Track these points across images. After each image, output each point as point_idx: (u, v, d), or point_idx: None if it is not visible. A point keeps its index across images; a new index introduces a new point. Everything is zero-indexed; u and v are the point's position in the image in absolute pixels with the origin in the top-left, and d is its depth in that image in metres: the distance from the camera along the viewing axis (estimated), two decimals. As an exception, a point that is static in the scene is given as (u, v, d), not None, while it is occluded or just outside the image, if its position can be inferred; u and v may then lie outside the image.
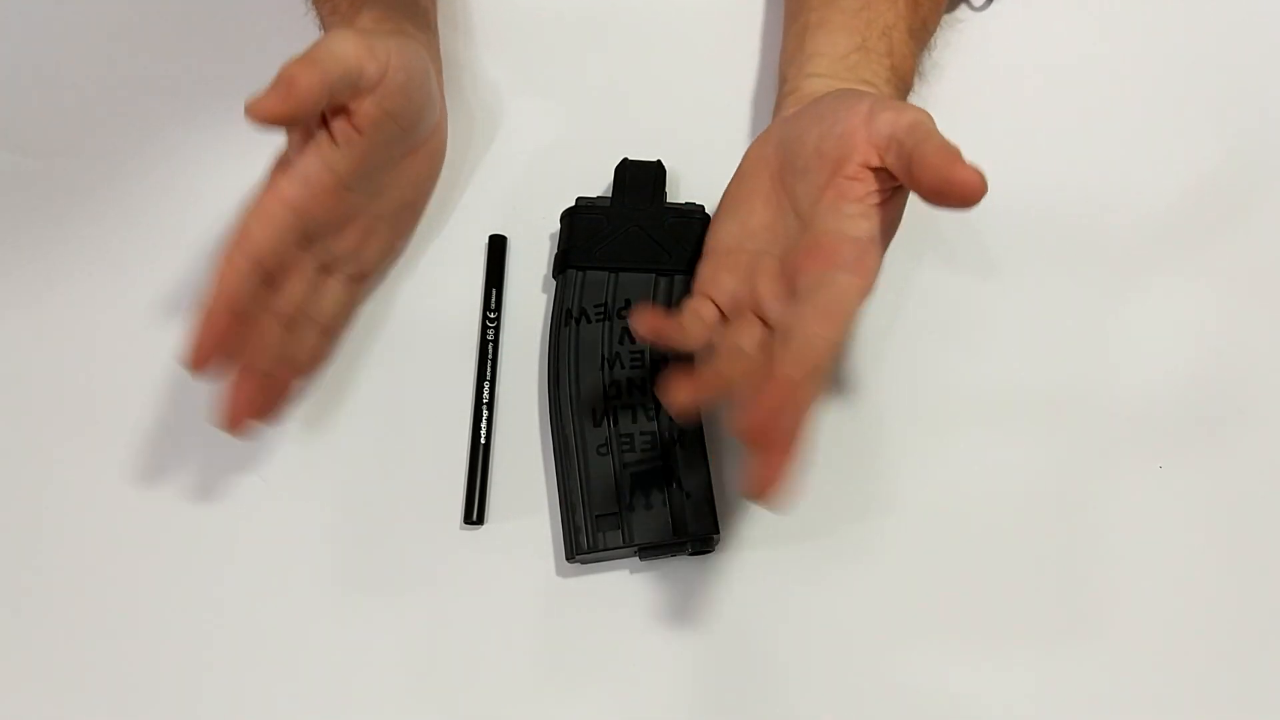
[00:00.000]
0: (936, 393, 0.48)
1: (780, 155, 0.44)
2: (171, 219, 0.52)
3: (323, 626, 0.45)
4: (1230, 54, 0.55)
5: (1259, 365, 0.48)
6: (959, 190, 0.36)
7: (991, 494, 0.46)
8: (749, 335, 0.41)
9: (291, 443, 0.48)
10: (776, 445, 0.34)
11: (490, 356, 0.49)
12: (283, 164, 0.43)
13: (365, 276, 0.49)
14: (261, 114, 0.40)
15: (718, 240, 0.45)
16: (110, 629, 0.45)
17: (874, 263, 0.39)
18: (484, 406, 0.48)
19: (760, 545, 0.46)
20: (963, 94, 0.53)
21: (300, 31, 0.51)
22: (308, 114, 0.41)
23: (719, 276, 0.44)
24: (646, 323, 0.41)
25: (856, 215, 0.40)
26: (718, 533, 0.44)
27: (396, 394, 0.49)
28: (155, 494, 0.47)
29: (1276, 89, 0.54)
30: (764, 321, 0.41)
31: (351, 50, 0.42)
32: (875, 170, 0.39)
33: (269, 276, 0.42)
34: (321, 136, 0.43)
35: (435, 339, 0.50)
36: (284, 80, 0.40)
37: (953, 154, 0.36)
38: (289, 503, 0.47)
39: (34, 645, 0.45)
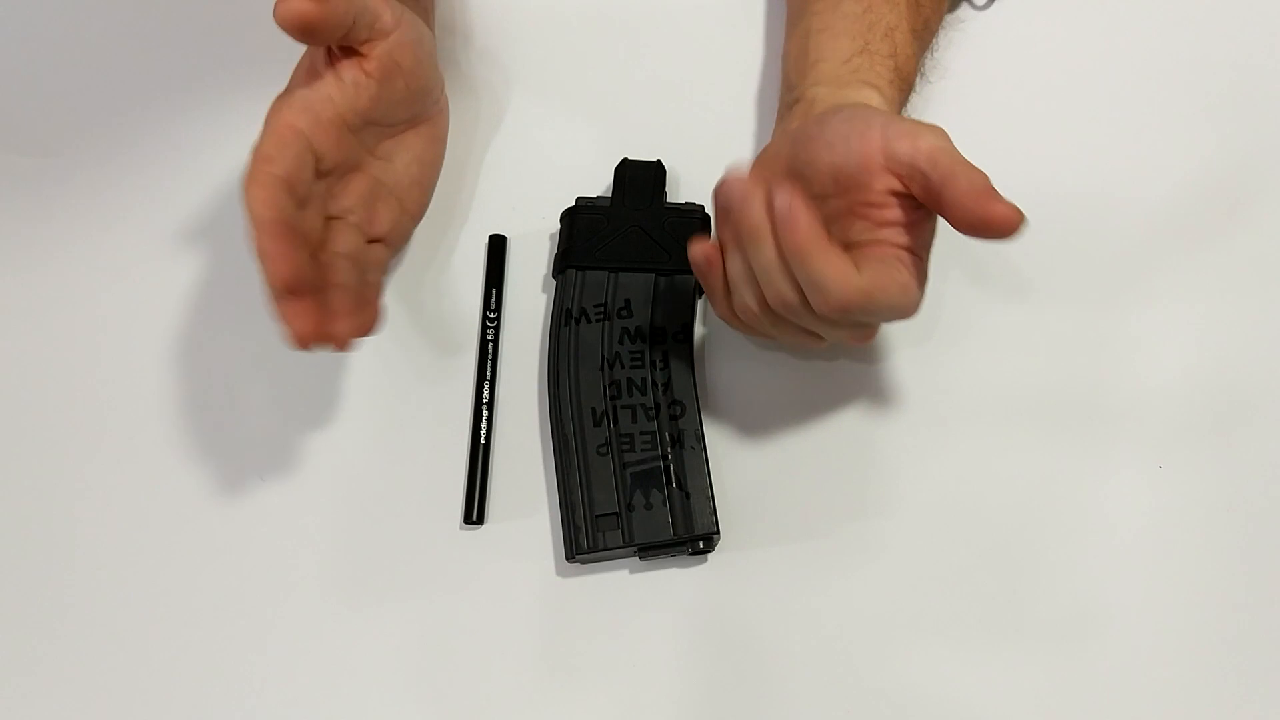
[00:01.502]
0: (936, 393, 0.48)
1: (792, 179, 0.43)
2: (172, 218, 0.52)
3: (322, 626, 0.45)
4: (1232, 53, 0.55)
5: (1259, 365, 0.48)
6: (996, 227, 0.36)
7: (991, 494, 0.46)
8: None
9: (291, 442, 0.48)
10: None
11: (490, 356, 0.49)
12: (279, 100, 0.43)
13: (381, 242, 0.47)
14: (291, 12, 0.39)
15: None
16: (108, 628, 0.45)
17: (919, 272, 0.40)
18: (484, 406, 0.48)
19: (760, 545, 0.46)
20: (965, 93, 0.53)
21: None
22: (332, 29, 0.41)
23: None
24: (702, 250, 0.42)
25: (894, 235, 0.40)
26: (718, 533, 0.44)
27: (396, 394, 0.49)
28: (155, 494, 0.47)
29: (1278, 89, 0.54)
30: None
31: None
32: (899, 194, 0.40)
33: (300, 200, 0.41)
34: (328, 74, 0.43)
35: (435, 339, 0.50)
36: None
37: (985, 190, 0.37)
38: (289, 502, 0.47)
39: (32, 645, 0.45)
